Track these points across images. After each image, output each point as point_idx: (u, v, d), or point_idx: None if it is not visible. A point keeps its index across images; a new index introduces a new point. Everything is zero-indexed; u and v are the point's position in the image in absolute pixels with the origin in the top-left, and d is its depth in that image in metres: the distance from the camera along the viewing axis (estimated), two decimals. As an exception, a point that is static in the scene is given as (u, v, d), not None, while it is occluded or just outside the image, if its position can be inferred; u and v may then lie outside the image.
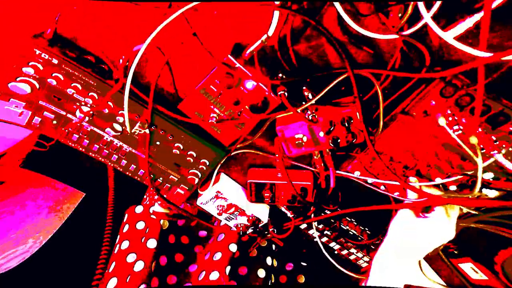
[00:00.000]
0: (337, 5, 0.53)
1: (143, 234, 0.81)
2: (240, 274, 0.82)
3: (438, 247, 0.60)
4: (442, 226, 0.58)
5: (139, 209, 0.85)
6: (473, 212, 0.65)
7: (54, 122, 0.62)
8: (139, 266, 0.74)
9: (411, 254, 0.60)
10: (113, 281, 0.73)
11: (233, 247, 0.81)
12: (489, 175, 0.59)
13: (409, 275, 0.61)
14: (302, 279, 0.91)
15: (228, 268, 0.77)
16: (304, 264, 0.94)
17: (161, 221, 0.83)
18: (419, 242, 0.59)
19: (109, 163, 0.70)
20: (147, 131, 0.64)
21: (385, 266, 0.60)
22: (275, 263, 0.90)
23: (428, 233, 0.58)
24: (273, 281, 0.86)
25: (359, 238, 0.86)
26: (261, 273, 0.82)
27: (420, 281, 0.75)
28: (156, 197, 0.88)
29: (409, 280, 0.60)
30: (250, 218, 0.82)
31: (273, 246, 0.91)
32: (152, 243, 0.78)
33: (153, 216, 0.83)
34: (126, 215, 0.86)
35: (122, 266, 0.75)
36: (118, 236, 0.84)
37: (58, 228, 0.95)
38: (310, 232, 0.88)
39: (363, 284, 0.62)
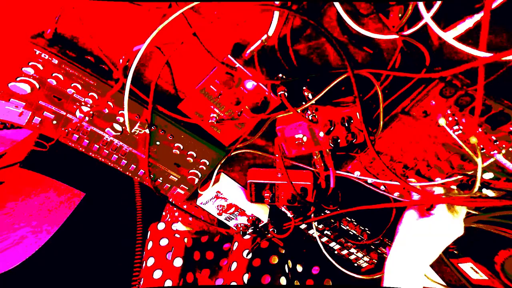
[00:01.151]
0: (337, 5, 0.53)
1: (167, 251, 0.83)
2: (262, 283, 0.82)
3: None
4: (449, 222, 0.57)
5: (161, 226, 0.88)
6: (473, 212, 0.65)
7: (54, 122, 0.62)
8: (168, 284, 0.77)
9: (423, 256, 0.59)
10: None
11: (247, 254, 0.82)
12: (489, 175, 0.59)
13: (423, 278, 0.60)
14: (329, 283, 0.90)
15: (246, 276, 0.78)
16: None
17: (185, 239, 0.85)
18: (429, 241, 0.58)
19: (109, 163, 0.70)
20: (147, 131, 0.64)
21: (399, 271, 0.59)
22: (300, 268, 0.90)
23: (436, 231, 0.58)
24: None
25: (359, 238, 0.86)
26: (283, 280, 0.82)
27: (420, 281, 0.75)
28: (176, 214, 0.90)
29: (424, 283, 0.59)
30: (250, 218, 0.81)
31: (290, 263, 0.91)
32: (178, 262, 0.81)
33: (177, 235, 0.85)
34: (149, 232, 0.88)
35: (149, 281, 0.78)
36: (144, 253, 0.87)
37: (58, 228, 0.95)
38: (310, 232, 0.88)
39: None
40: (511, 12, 0.48)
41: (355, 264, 0.94)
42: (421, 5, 0.48)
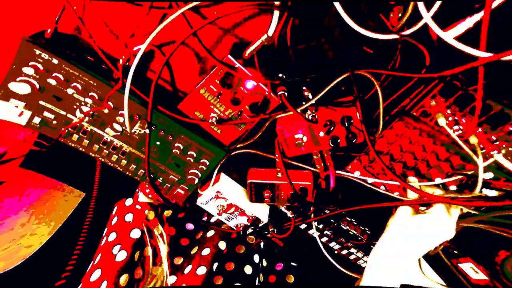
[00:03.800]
0: (337, 5, 0.53)
1: (130, 226, 0.80)
2: (227, 269, 0.82)
3: (438, 246, 0.60)
4: (441, 223, 0.57)
5: (128, 201, 0.85)
6: (473, 212, 0.65)
7: (54, 122, 0.62)
8: (122, 256, 0.74)
9: (409, 252, 0.59)
10: (97, 273, 0.73)
11: (222, 245, 0.81)
12: (489, 175, 0.59)
13: (407, 274, 0.60)
14: (291, 279, 0.90)
15: (215, 265, 0.77)
16: (294, 264, 0.94)
17: (146, 211, 0.82)
18: (417, 239, 0.59)
19: (109, 163, 0.70)
20: (147, 131, 0.64)
21: (381, 264, 0.59)
22: (265, 263, 0.90)
23: (426, 230, 0.58)
24: (261, 280, 0.86)
25: (359, 238, 0.86)
26: (248, 269, 0.82)
27: (420, 281, 0.75)
28: (147, 190, 0.88)
29: (407, 280, 0.59)
30: (250, 218, 0.81)
31: (261, 245, 0.91)
32: (136, 233, 0.78)
33: (138, 207, 0.83)
34: (116, 208, 0.86)
35: (107, 258, 0.75)
36: (106, 229, 0.83)
37: (58, 228, 0.95)
38: (310, 232, 0.88)
39: (360, 284, 0.61)
40: (511, 12, 0.48)
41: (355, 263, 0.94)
42: (421, 5, 0.48)
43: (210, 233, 0.86)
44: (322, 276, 0.93)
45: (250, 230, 0.83)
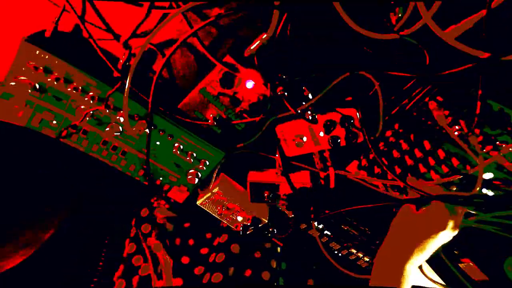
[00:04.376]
0: (337, 5, 0.53)
1: (149, 237, 0.83)
2: (245, 275, 0.82)
3: (439, 246, 0.59)
4: (444, 221, 0.57)
5: (144, 212, 0.87)
6: (473, 212, 0.65)
7: (54, 122, 0.62)
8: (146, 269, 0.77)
9: (415, 254, 0.58)
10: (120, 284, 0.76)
11: (236, 248, 0.81)
12: (489, 175, 0.59)
13: (415, 277, 0.59)
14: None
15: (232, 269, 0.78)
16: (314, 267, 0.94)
17: (165, 223, 0.84)
18: (421, 239, 0.58)
19: (109, 163, 0.70)
20: (147, 131, 0.64)
21: (389, 267, 0.59)
22: (284, 266, 0.90)
23: (430, 229, 0.57)
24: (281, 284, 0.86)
25: (359, 238, 0.86)
26: (266, 276, 0.83)
27: (420, 281, 0.75)
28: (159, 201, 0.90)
29: (415, 282, 0.58)
30: (250, 218, 0.81)
31: (278, 249, 0.91)
32: (157, 247, 0.80)
33: (156, 220, 0.85)
34: (133, 219, 0.88)
35: (129, 269, 0.78)
36: (127, 240, 0.87)
37: (58, 228, 0.95)
38: (310, 232, 0.88)
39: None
40: (511, 12, 0.48)
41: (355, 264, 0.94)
42: (421, 5, 0.48)
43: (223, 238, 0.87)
44: (322, 276, 0.93)
45: (250, 230, 0.83)
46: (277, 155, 0.69)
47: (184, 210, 0.89)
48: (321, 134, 0.62)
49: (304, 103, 0.58)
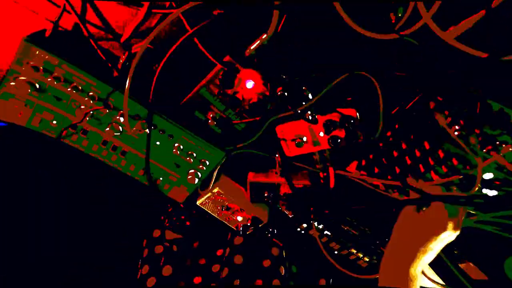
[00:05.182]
0: (337, 5, 0.53)
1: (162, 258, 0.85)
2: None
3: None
4: (445, 221, 0.56)
5: (156, 233, 0.90)
6: (473, 212, 0.65)
7: (54, 122, 0.62)
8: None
9: (419, 255, 0.58)
10: None
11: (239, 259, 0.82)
12: (489, 175, 0.59)
13: (422, 279, 0.59)
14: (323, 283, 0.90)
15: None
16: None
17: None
18: (425, 240, 0.57)
19: (109, 163, 0.70)
20: (147, 131, 0.64)
21: (394, 273, 0.58)
22: (295, 269, 0.90)
23: (432, 230, 0.57)
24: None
25: (359, 238, 0.86)
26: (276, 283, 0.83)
27: (420, 281, 0.75)
28: (169, 221, 0.92)
29: (424, 283, 0.58)
30: (250, 218, 0.81)
31: (283, 253, 0.91)
32: (167, 270, 0.83)
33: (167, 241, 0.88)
34: (145, 240, 0.90)
35: None
36: (140, 261, 0.89)
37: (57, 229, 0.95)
38: (310, 232, 0.88)
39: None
40: (511, 12, 0.48)
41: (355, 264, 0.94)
42: (420, 5, 0.48)
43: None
44: (322, 276, 0.93)
45: (250, 230, 0.83)
46: (277, 155, 0.69)
47: (191, 230, 0.91)
48: (321, 134, 0.62)
49: (304, 103, 0.58)
